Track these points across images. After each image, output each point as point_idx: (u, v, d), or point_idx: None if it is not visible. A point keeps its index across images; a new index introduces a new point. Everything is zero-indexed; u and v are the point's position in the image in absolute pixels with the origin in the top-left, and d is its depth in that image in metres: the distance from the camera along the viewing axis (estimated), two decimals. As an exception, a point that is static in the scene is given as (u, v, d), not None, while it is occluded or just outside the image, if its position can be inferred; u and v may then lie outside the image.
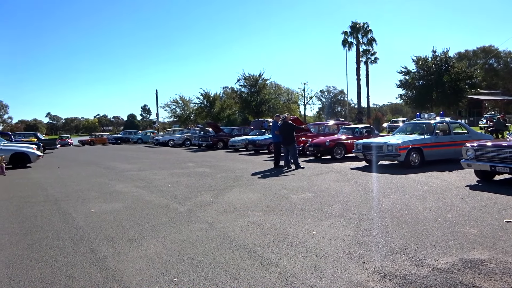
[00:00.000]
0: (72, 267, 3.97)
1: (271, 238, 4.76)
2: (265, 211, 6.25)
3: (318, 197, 7.32)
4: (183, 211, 6.47)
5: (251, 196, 7.62)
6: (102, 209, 6.90)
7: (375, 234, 4.76)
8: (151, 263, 4.00)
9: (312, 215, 5.86)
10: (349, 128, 16.86)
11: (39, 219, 6.22)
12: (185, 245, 4.60)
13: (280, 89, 55.17)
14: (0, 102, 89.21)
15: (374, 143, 12.00)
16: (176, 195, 8.07)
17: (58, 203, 7.62)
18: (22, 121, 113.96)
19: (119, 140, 46.78)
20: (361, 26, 50.20)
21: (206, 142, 26.69)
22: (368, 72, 51.78)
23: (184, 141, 32.23)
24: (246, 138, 22.44)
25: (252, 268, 3.76)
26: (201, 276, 3.62)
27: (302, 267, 3.76)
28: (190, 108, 54.97)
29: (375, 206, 6.41)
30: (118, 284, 3.50)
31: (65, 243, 4.83)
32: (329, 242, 4.52)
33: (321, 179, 9.71)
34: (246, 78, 46.80)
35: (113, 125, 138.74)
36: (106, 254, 4.36)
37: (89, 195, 8.46)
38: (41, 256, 4.37)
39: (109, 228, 5.49)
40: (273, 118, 15.21)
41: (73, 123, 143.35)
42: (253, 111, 46.28)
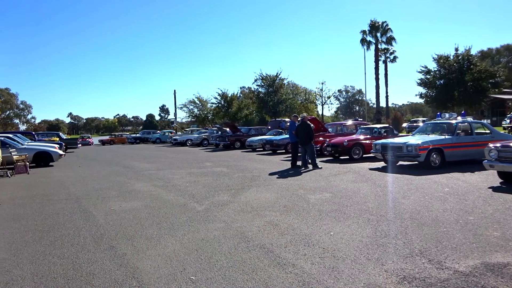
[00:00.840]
0: (92, 263, 4.06)
1: (288, 238, 4.75)
2: (282, 211, 6.24)
3: (335, 197, 7.26)
4: (201, 210, 6.51)
5: (268, 196, 7.61)
6: (122, 207, 7.02)
7: (394, 236, 4.69)
8: (169, 262, 4.05)
9: (329, 216, 5.82)
10: (367, 128, 16.66)
11: (61, 217, 6.37)
12: (202, 244, 4.63)
13: (297, 89, 54.92)
14: (24, 102, 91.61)
15: (393, 143, 11.83)
16: (194, 194, 8.13)
17: (79, 201, 7.79)
18: (45, 121, 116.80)
19: (138, 139, 47.46)
20: (380, 24, 49.52)
21: (224, 142, 26.81)
22: (387, 71, 51.09)
23: (202, 141, 32.46)
24: (263, 138, 22.45)
25: (269, 268, 3.76)
26: (218, 275, 3.64)
27: (320, 268, 3.73)
28: (208, 108, 55.32)
29: (394, 207, 6.32)
30: (137, 281, 3.56)
31: (86, 240, 4.94)
32: (346, 243, 4.48)
33: (338, 179, 9.63)
34: (263, 78, 46.80)
35: (132, 125, 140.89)
36: (125, 251, 4.43)
37: (109, 193, 8.61)
38: (63, 252, 4.47)
39: (128, 226, 5.58)
40: (291, 118, 15.17)
41: (93, 123, 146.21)
42: (270, 111, 46.24)
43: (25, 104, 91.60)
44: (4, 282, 3.63)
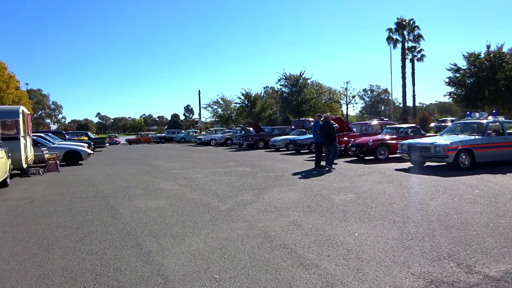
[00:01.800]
0: (119, 260, 4.15)
1: (311, 238, 4.72)
2: (306, 212, 6.20)
3: (360, 198, 7.16)
4: (224, 210, 6.56)
5: (291, 196, 7.59)
6: (147, 205, 7.16)
7: (421, 238, 4.58)
8: (193, 260, 4.10)
9: (354, 217, 5.75)
10: (393, 128, 16.35)
11: (89, 214, 6.55)
12: (226, 243, 4.66)
13: (321, 88, 54.40)
14: (55, 102, 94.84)
15: (420, 143, 11.57)
16: (218, 193, 8.20)
17: (106, 199, 7.99)
18: (75, 121, 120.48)
19: (163, 139, 48.24)
20: (407, 22, 48.41)
21: (247, 142, 26.91)
22: (414, 69, 49.84)
23: (226, 141, 32.69)
24: (287, 137, 22.39)
25: (293, 269, 3.74)
26: (242, 274, 3.66)
27: (344, 269, 3.69)
28: (232, 108, 55.64)
29: (421, 209, 6.18)
30: (162, 278, 3.62)
31: (113, 237, 5.06)
32: (371, 244, 4.41)
33: (363, 180, 9.49)
34: (287, 77, 46.67)
35: (157, 125, 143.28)
36: (151, 249, 4.52)
37: (135, 192, 8.80)
38: (91, 248, 4.60)
39: (153, 224, 5.68)
40: (314, 118, 15.05)
41: (120, 123, 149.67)
42: (294, 110, 46.06)
43: (56, 105, 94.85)
44: (36, 276, 3.77)
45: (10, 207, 7.42)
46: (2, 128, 11.98)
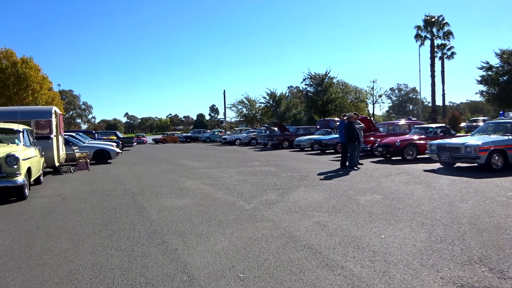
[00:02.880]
0: (146, 257, 4.24)
1: (336, 239, 4.67)
2: (331, 212, 6.14)
3: (387, 199, 7.03)
4: (249, 209, 6.58)
5: (316, 196, 7.53)
6: (173, 204, 7.27)
7: (450, 241, 4.45)
8: (218, 258, 4.13)
9: (380, 218, 5.64)
10: (422, 128, 15.95)
11: (117, 211, 6.72)
12: (250, 242, 4.68)
13: (347, 88, 53.72)
14: (85, 103, 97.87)
15: (450, 143, 11.24)
16: (242, 193, 8.23)
17: (134, 197, 8.17)
18: (104, 121, 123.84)
19: (189, 138, 48.92)
20: (436, 19, 47.07)
21: (272, 141, 26.89)
22: (444, 67, 48.41)
23: (250, 140, 32.79)
24: (312, 137, 22.24)
25: (317, 269, 3.72)
26: (266, 274, 3.66)
27: (370, 271, 3.63)
28: (256, 108, 55.77)
29: (450, 211, 6.00)
30: (188, 276, 3.67)
31: (140, 235, 5.17)
32: (399, 247, 4.32)
33: (390, 181, 9.31)
34: (312, 77, 46.30)
35: (183, 124, 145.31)
36: (176, 247, 4.59)
37: (162, 190, 8.96)
38: (119, 245, 4.72)
39: (179, 223, 5.77)
40: (340, 118, 14.89)
41: (147, 122, 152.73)
42: (319, 110, 45.66)
43: (86, 105, 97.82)
44: (67, 271, 3.90)
45: (43, 203, 7.70)
46: (36, 127, 12.45)
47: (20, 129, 9.58)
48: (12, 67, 34.94)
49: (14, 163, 7.74)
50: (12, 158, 7.73)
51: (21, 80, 34.76)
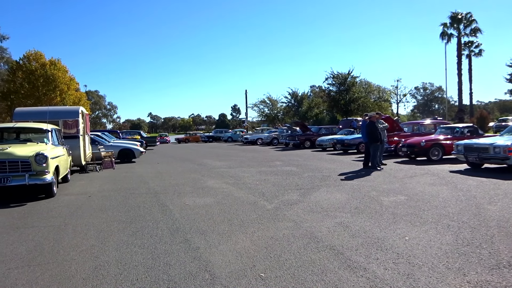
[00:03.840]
0: (169, 255, 4.30)
1: (359, 241, 4.61)
2: (353, 213, 6.07)
3: (411, 200, 6.88)
4: (270, 209, 6.58)
5: (338, 197, 7.46)
6: (195, 203, 7.35)
7: (478, 245, 4.32)
8: (240, 257, 4.15)
9: (404, 220, 5.53)
10: (448, 128, 15.54)
11: (141, 209, 6.84)
12: (272, 242, 4.68)
13: (370, 87, 52.87)
14: (111, 103, 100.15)
15: (477, 144, 10.90)
16: (264, 192, 8.24)
17: (157, 195, 8.30)
18: (128, 120, 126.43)
19: (211, 138, 49.33)
20: (463, 16, 45.74)
21: (294, 141, 26.80)
22: (471, 65, 46.96)
23: (272, 140, 32.78)
24: (334, 137, 22.04)
25: (339, 271, 3.68)
26: (288, 274, 3.65)
27: (393, 273, 3.57)
28: (278, 107, 55.66)
29: (478, 213, 5.82)
30: (210, 274, 3.70)
31: (163, 233, 5.25)
32: (423, 249, 4.22)
33: (415, 181, 9.11)
34: (334, 76, 45.82)
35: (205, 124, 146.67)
36: (198, 245, 4.63)
37: (184, 189, 9.06)
38: (143, 243, 4.81)
39: (201, 221, 5.82)
40: (362, 117, 14.70)
41: (170, 122, 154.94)
42: (341, 110, 45.17)
43: (112, 105, 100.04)
44: (93, 266, 4.00)
45: (71, 201, 7.93)
46: (64, 127, 12.82)
47: (48, 129, 9.89)
48: (41, 68, 36.13)
49: (43, 161, 7.99)
50: (41, 157, 7.99)
51: (49, 81, 35.90)
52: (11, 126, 10.39)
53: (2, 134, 10.18)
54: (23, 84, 35.56)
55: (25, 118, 12.29)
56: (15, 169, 7.82)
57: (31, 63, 36.62)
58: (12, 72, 37.41)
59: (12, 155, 7.89)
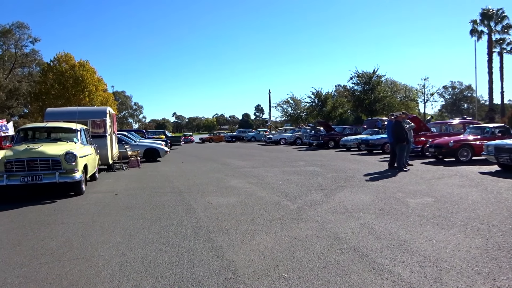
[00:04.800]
0: (193, 253, 4.35)
1: (384, 243, 4.53)
2: (378, 214, 5.97)
3: (439, 202, 6.71)
4: (294, 209, 6.55)
5: (363, 198, 7.35)
6: (219, 202, 7.40)
7: (509, 249, 4.16)
8: (263, 257, 4.15)
9: (431, 222, 5.40)
10: (478, 128, 15.04)
11: (166, 208, 6.95)
12: (295, 242, 4.66)
13: (396, 86, 51.87)
14: (137, 103, 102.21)
15: (509, 144, 10.51)
16: (287, 192, 8.21)
17: (181, 194, 8.41)
18: (154, 120, 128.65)
19: (234, 138, 49.58)
20: (494, 12, 44.17)
21: (317, 141, 26.59)
22: (503, 63, 45.18)
23: (295, 140, 32.64)
24: (359, 137, 21.74)
25: (364, 273, 3.63)
26: (311, 274, 3.62)
27: (420, 277, 3.49)
28: (301, 107, 55.34)
29: (509, 216, 5.61)
30: (233, 273, 3.72)
31: (187, 231, 5.32)
32: (451, 253, 4.10)
33: (442, 183, 8.87)
34: (359, 75, 45.19)
35: (229, 124, 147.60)
36: (222, 244, 4.67)
37: (208, 188, 9.15)
38: (167, 241, 4.88)
39: (224, 221, 5.86)
40: (387, 117, 14.44)
41: (194, 122, 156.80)
42: (366, 109, 44.50)
43: (138, 105, 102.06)
44: (119, 263, 4.09)
45: (98, 199, 8.14)
46: (92, 127, 13.17)
47: (77, 128, 10.20)
48: (71, 70, 37.31)
49: (73, 160, 8.25)
50: (71, 156, 8.24)
51: (78, 82, 37.03)
52: (43, 126, 10.77)
53: (34, 133, 10.56)
54: (53, 85, 36.83)
55: (56, 118, 12.69)
56: (46, 168, 8.10)
57: (61, 64, 37.89)
58: (43, 73, 38.85)
59: (44, 154, 8.18)
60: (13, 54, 45.23)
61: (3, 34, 43.90)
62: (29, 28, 45.11)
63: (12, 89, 42.91)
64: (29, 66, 48.83)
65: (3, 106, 44.57)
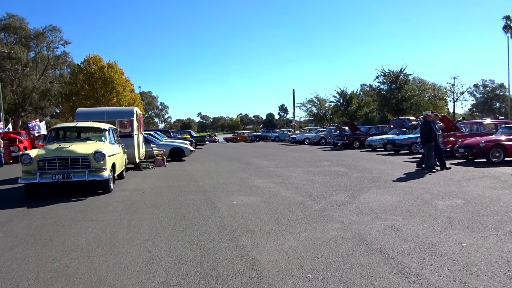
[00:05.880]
0: (217, 252, 4.39)
1: (411, 245, 4.43)
2: (405, 216, 5.84)
3: (469, 205, 6.50)
4: (318, 209, 6.50)
5: (389, 199, 7.21)
6: (243, 201, 7.43)
7: (545, 254, 3.99)
8: (286, 257, 4.14)
9: (461, 225, 5.24)
10: (511, 128, 14.48)
11: (191, 207, 7.04)
12: (319, 243, 4.62)
13: (424, 85, 50.58)
14: (163, 103, 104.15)
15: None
16: (311, 193, 8.16)
17: (206, 193, 8.50)
18: (179, 120, 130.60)
19: (258, 138, 49.67)
20: (529, 7, 42.38)
21: (342, 141, 26.29)
22: (538, 61, 43.38)
23: (320, 140, 32.37)
24: (385, 137, 21.34)
25: (390, 275, 3.56)
26: (335, 276, 3.59)
27: (449, 281, 3.39)
28: (326, 106, 54.85)
29: (545, 220, 5.37)
30: (257, 273, 3.73)
31: (211, 230, 5.37)
32: (482, 257, 3.97)
33: (473, 184, 8.59)
34: (385, 74, 44.38)
35: (253, 124, 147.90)
36: (246, 243, 4.69)
37: (232, 188, 9.20)
38: (192, 239, 4.95)
39: (248, 220, 5.88)
40: (415, 116, 14.10)
41: (219, 122, 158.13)
42: (393, 109, 43.67)
43: (163, 105, 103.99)
44: (146, 260, 4.18)
45: (126, 197, 8.33)
46: (120, 126, 13.49)
47: (106, 128, 10.47)
48: (100, 71, 38.36)
49: (101, 159, 8.47)
50: (100, 155, 8.47)
51: (107, 83, 38.07)
52: (73, 125, 11.12)
53: (65, 133, 10.92)
54: (83, 86, 38.00)
55: (85, 118, 13.07)
56: (76, 166, 8.36)
57: (91, 66, 39.03)
58: (74, 75, 40.13)
59: (74, 152, 8.45)
60: (46, 56, 46.93)
61: (36, 37, 45.64)
62: (61, 31, 46.69)
63: (44, 90, 44.50)
64: (60, 67, 50.56)
65: (36, 106, 46.36)
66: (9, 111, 41.92)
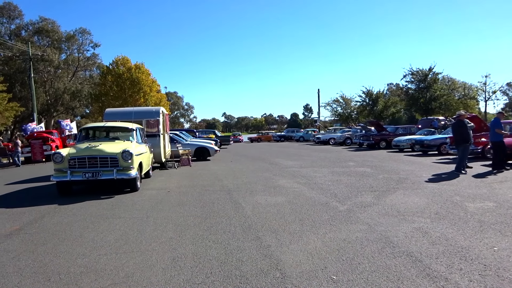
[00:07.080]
0: (241, 251, 4.41)
1: (440, 248, 4.31)
2: (434, 219, 5.69)
3: (501, 208, 6.26)
4: (343, 210, 6.43)
5: (416, 201, 7.04)
6: (267, 201, 7.43)
7: None
8: (311, 258, 4.12)
9: (493, 228, 5.05)
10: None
11: (215, 206, 7.10)
12: (344, 244, 4.57)
13: (454, 84, 49.13)
14: (188, 104, 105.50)
15: None
16: (336, 193, 8.07)
17: (230, 193, 8.55)
18: (204, 120, 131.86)
19: (282, 137, 49.51)
20: None
21: (368, 141, 25.86)
22: None
23: (345, 140, 31.96)
24: (413, 137, 20.84)
25: (417, 279, 3.48)
26: (360, 278, 3.54)
27: (480, 286, 3.28)
28: (351, 106, 54.10)
29: None
30: (281, 273, 3.72)
31: (236, 229, 5.40)
32: (516, 262, 3.82)
33: (506, 187, 8.27)
34: (413, 73, 43.35)
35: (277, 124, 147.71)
36: (270, 243, 4.69)
37: (256, 187, 9.22)
38: (217, 238, 4.99)
39: (272, 220, 5.88)
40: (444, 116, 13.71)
41: (243, 122, 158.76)
42: (421, 108, 42.59)
43: (189, 105, 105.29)
44: (171, 258, 4.25)
45: (152, 195, 8.50)
46: (147, 126, 13.76)
47: (133, 128, 10.71)
48: (128, 72, 39.24)
49: (129, 158, 8.67)
50: (127, 154, 8.68)
51: (134, 84, 38.89)
52: (102, 125, 11.43)
53: (94, 132, 11.24)
54: (112, 86, 38.98)
55: (114, 118, 13.41)
56: (105, 165, 8.60)
57: (119, 67, 39.99)
58: (103, 76, 41.23)
59: (103, 151, 8.69)
60: (76, 58, 48.51)
61: (67, 40, 47.24)
62: (90, 34, 48.20)
63: (75, 91, 45.98)
64: (90, 69, 52.19)
65: (67, 107, 47.95)
66: (42, 111, 43.54)
